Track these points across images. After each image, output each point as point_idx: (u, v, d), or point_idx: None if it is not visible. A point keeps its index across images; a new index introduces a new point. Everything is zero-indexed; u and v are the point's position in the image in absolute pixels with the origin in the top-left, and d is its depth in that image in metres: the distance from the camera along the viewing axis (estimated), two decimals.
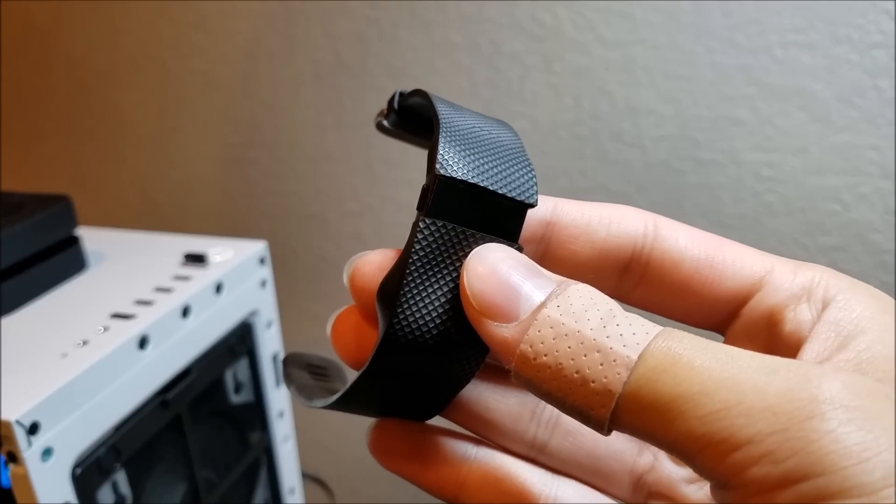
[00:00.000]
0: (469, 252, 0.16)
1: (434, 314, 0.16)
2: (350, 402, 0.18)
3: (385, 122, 0.21)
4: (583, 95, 0.59)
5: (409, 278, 0.16)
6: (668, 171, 0.59)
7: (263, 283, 0.55)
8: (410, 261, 0.16)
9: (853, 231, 0.56)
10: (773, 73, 0.54)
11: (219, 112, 0.71)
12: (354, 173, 0.68)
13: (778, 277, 0.17)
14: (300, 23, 0.65)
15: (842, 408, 0.12)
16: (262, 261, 0.54)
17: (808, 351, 0.15)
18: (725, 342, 0.18)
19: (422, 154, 0.23)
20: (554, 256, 0.18)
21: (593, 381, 0.14)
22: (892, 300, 0.16)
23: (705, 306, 0.18)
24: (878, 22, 0.50)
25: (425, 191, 0.17)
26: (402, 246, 0.17)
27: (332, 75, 0.65)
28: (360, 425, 0.88)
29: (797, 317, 0.16)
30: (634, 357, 0.14)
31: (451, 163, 0.16)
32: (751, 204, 0.57)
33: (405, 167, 0.66)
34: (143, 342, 0.42)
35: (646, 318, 0.19)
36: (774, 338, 0.17)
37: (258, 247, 0.54)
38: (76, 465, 0.38)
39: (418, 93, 0.19)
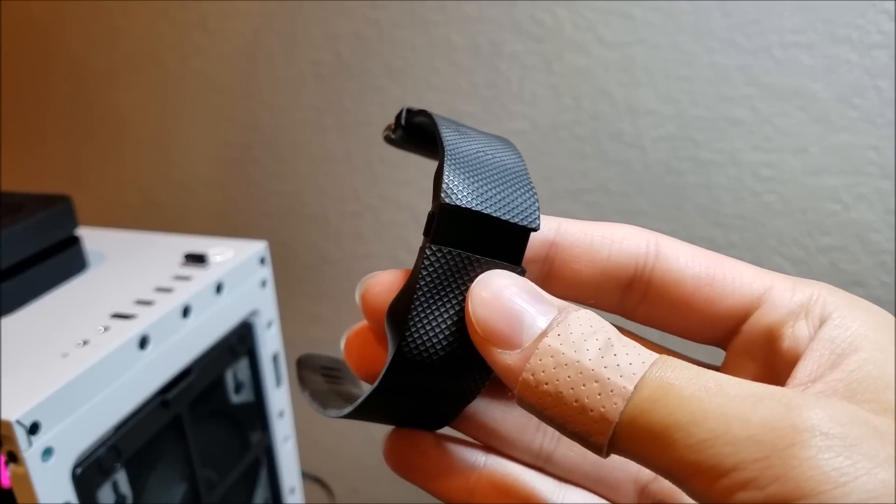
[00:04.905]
0: (474, 277, 0.17)
1: (441, 337, 0.17)
2: (362, 414, 0.19)
3: (393, 136, 0.22)
4: (583, 95, 0.59)
5: (417, 303, 0.17)
6: (667, 171, 0.59)
7: (264, 283, 0.55)
8: (418, 286, 0.17)
9: (853, 231, 0.56)
10: (772, 73, 0.54)
11: (219, 112, 0.71)
12: (355, 173, 0.68)
13: (777, 295, 0.17)
14: (300, 23, 0.65)
15: (821, 435, 0.13)
16: (262, 261, 0.54)
17: (803, 368, 0.15)
18: (727, 357, 0.18)
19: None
20: (557, 275, 0.19)
21: (591, 410, 0.15)
22: (889, 316, 0.16)
23: (707, 323, 0.18)
24: (878, 22, 0.50)
25: (431, 217, 0.17)
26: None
27: (332, 75, 0.65)
28: (361, 426, 0.88)
29: (795, 333, 0.16)
30: (630, 387, 0.14)
31: (455, 191, 0.17)
32: (751, 204, 0.57)
33: (405, 167, 0.66)
34: (143, 342, 0.42)
35: (650, 334, 0.19)
36: (773, 354, 0.17)
37: (258, 247, 0.54)
38: (76, 465, 0.38)
39: (424, 114, 0.20)
